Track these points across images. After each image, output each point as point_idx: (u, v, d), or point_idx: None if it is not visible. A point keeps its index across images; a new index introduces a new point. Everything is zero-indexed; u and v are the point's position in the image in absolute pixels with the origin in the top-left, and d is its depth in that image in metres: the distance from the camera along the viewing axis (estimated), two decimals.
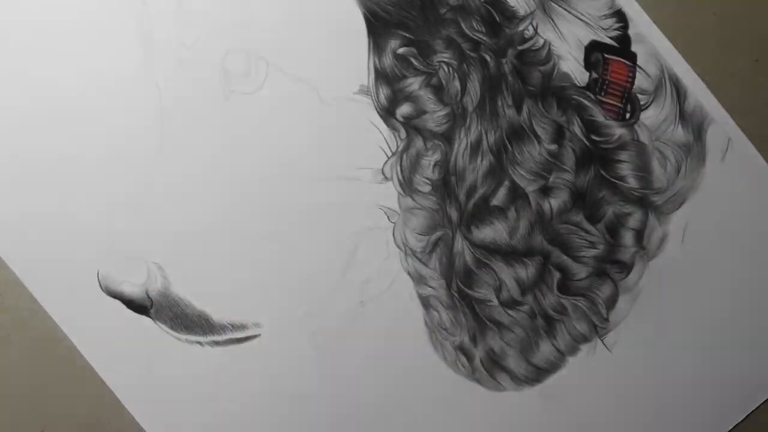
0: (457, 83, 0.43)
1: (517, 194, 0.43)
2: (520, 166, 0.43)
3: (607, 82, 0.44)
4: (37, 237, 0.40)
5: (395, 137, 0.43)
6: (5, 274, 0.40)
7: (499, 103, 0.43)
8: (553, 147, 0.44)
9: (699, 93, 0.44)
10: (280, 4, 0.42)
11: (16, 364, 0.41)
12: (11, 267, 0.40)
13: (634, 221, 0.44)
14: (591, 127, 0.44)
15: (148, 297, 0.41)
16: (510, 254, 0.44)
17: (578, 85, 0.44)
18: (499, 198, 0.43)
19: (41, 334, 0.41)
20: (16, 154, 0.40)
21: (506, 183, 0.43)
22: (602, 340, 0.45)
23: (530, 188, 0.44)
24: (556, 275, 0.44)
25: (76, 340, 0.41)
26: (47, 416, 0.41)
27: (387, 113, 0.43)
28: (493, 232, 0.43)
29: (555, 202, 0.44)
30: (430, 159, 0.43)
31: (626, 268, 0.45)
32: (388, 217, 0.43)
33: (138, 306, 0.41)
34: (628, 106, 0.44)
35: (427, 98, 0.43)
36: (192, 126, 0.41)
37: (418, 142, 0.43)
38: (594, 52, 0.44)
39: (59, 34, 0.40)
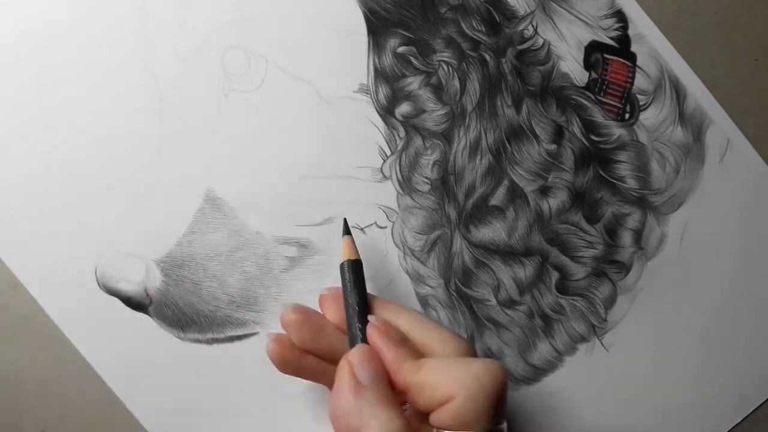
0: (456, 82, 0.43)
1: (515, 194, 0.43)
2: (519, 166, 0.43)
3: (606, 82, 0.44)
4: (36, 236, 0.40)
5: (394, 136, 0.43)
6: (5, 274, 0.40)
7: (499, 102, 0.43)
8: (552, 147, 0.44)
9: (698, 94, 0.44)
10: (280, 3, 0.41)
11: (16, 364, 0.41)
12: (10, 267, 0.40)
13: (632, 222, 0.45)
14: (590, 127, 0.44)
15: (147, 295, 0.41)
16: (508, 254, 0.44)
17: (578, 85, 0.44)
18: (498, 198, 0.43)
19: (41, 334, 0.41)
20: (15, 153, 0.40)
21: (505, 183, 0.43)
22: (600, 340, 0.45)
23: (529, 188, 0.44)
24: (555, 275, 0.44)
25: (75, 339, 0.41)
26: (47, 416, 0.41)
27: (386, 112, 0.43)
28: (491, 231, 0.44)
29: (554, 202, 0.44)
30: (429, 158, 0.43)
31: (625, 268, 0.45)
32: (386, 216, 0.43)
33: (137, 303, 0.41)
34: (628, 107, 0.44)
35: (427, 97, 0.43)
36: (192, 124, 0.41)
37: (417, 141, 0.43)
38: (594, 52, 0.43)
39: (59, 34, 0.40)
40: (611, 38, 0.44)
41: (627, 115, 0.44)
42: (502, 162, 0.43)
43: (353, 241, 0.38)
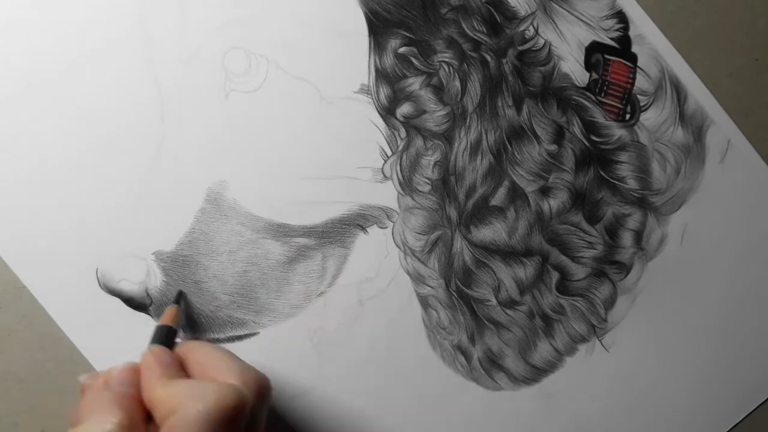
0: (457, 83, 0.43)
1: (516, 194, 0.44)
2: (520, 167, 0.43)
3: (607, 82, 0.44)
4: (36, 236, 0.40)
5: (395, 137, 0.43)
6: (5, 274, 0.40)
7: (499, 103, 0.43)
8: (553, 147, 0.44)
9: (699, 94, 0.44)
10: (281, 3, 0.41)
11: (16, 364, 0.41)
12: (11, 266, 0.40)
13: (633, 222, 0.45)
14: (591, 127, 0.44)
15: (148, 295, 0.41)
16: (509, 254, 0.44)
17: (578, 85, 0.44)
18: (499, 198, 0.43)
19: (41, 333, 0.41)
20: (16, 153, 0.40)
21: (506, 183, 0.43)
22: (600, 341, 0.45)
23: (530, 188, 0.44)
24: (555, 275, 0.44)
25: (76, 340, 0.41)
26: (47, 416, 0.41)
27: (387, 113, 0.43)
28: (492, 232, 0.44)
29: (554, 203, 0.44)
30: (430, 158, 0.43)
31: (625, 268, 0.45)
32: (387, 216, 0.43)
33: (137, 303, 0.41)
34: (628, 107, 0.44)
35: (428, 98, 0.43)
36: (193, 124, 0.41)
37: (418, 142, 0.43)
38: (594, 53, 0.44)
39: (59, 34, 0.40)
40: (612, 39, 0.44)
41: (628, 116, 0.44)
42: (502, 162, 0.43)
43: (176, 311, 0.39)
